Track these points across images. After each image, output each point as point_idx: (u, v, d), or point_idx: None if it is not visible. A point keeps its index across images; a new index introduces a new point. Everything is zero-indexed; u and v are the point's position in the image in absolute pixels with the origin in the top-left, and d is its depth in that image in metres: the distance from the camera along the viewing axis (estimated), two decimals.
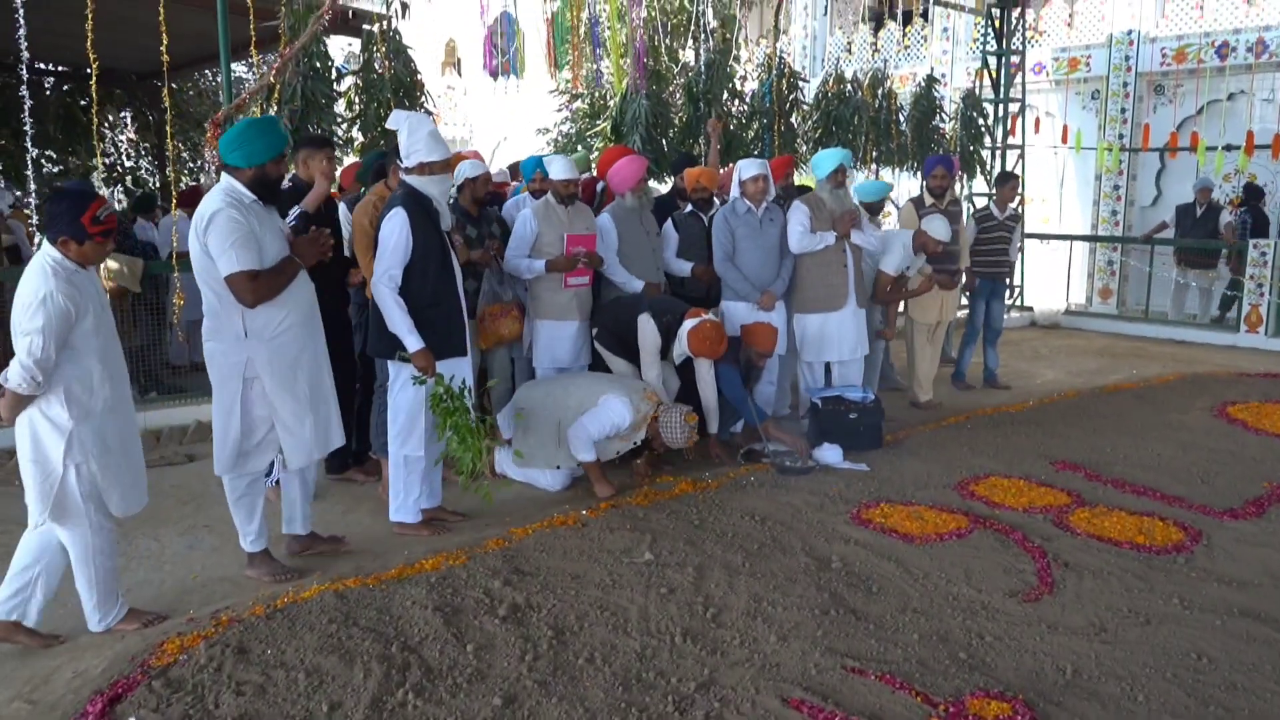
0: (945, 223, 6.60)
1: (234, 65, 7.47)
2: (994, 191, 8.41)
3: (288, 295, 3.89)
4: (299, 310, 3.95)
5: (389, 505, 4.71)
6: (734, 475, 5.46)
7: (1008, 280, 7.95)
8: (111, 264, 6.53)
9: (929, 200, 7.29)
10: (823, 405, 6.00)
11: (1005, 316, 8.20)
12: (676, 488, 5.22)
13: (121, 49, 9.75)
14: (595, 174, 6.97)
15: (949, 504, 4.99)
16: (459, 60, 24.24)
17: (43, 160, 12.12)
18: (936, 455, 5.91)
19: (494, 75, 25.13)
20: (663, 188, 8.22)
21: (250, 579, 4.12)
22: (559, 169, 5.81)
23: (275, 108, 6.59)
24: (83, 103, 11.01)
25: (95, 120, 6.99)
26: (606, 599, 3.80)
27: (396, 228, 4.32)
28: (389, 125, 4.51)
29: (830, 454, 5.72)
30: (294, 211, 4.67)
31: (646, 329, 5.53)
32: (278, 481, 5.10)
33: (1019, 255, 8.14)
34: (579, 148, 14.35)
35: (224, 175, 3.84)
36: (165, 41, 6.20)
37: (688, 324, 5.48)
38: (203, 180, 7.45)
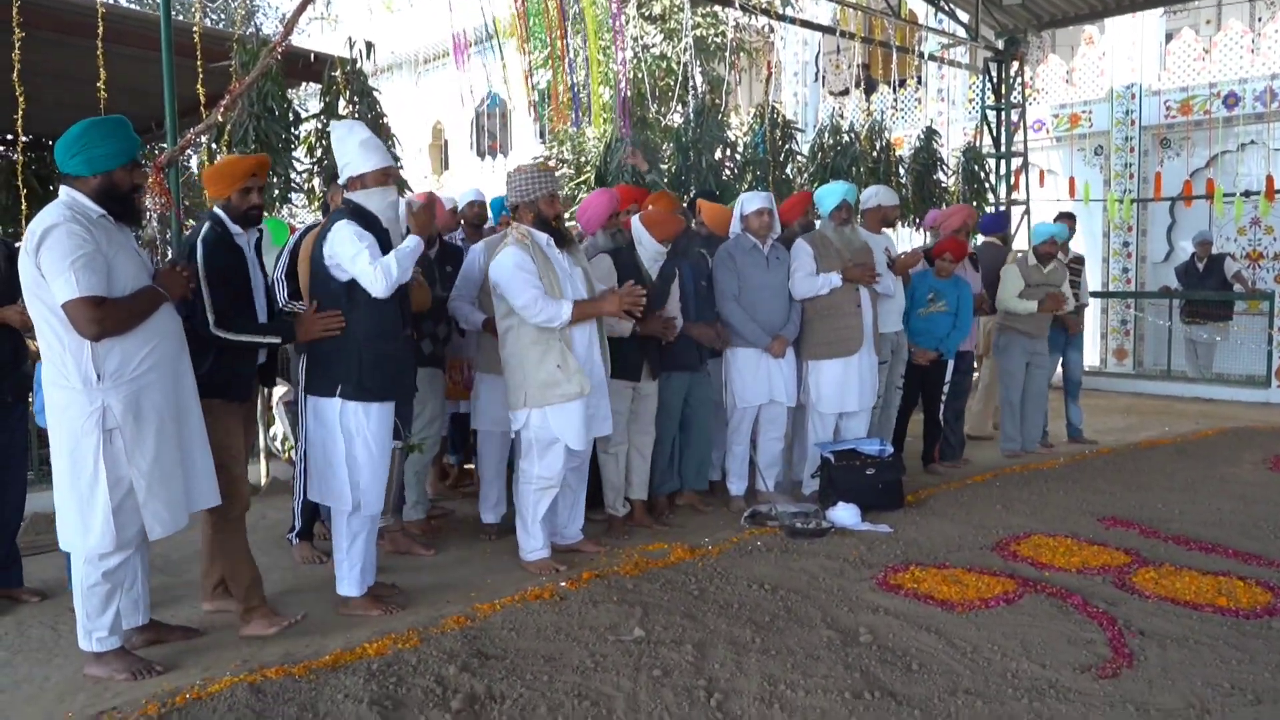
0: (888, 190, 6.37)
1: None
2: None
3: (150, 329, 3.25)
4: (164, 347, 3.30)
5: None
6: (737, 540, 4.78)
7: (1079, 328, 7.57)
8: None
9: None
10: (836, 460, 5.34)
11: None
12: (671, 555, 4.54)
13: (84, 115, 9.33)
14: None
15: (990, 566, 4.31)
16: (445, 143, 24.21)
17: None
18: (966, 515, 5.25)
19: (481, 156, 24.89)
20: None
21: (99, 680, 3.31)
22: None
23: (225, 150, 6.07)
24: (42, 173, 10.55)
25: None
26: (586, 685, 3.11)
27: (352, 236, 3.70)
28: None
29: (846, 515, 5.05)
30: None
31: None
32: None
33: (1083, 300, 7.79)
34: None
35: (63, 188, 3.22)
36: (103, 78, 5.72)
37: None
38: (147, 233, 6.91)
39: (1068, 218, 7.93)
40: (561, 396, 4.23)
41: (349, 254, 3.67)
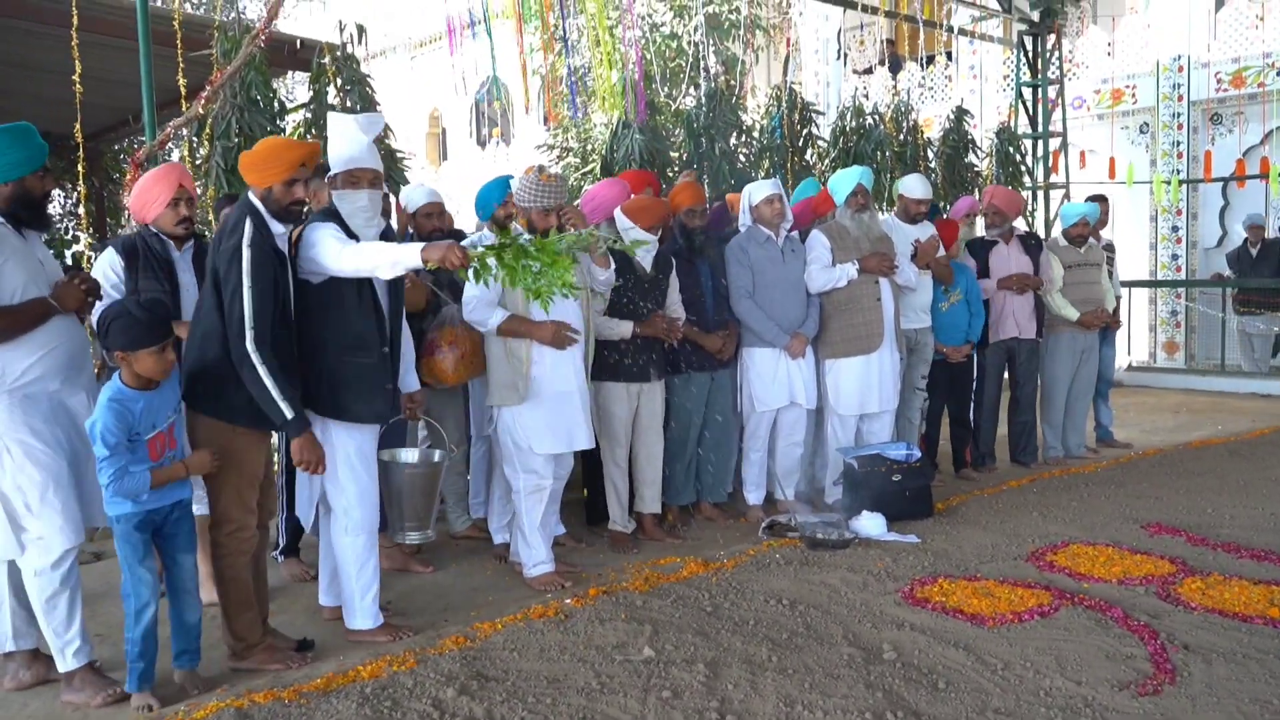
0: (923, 181, 6.32)
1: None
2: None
3: (42, 337, 3.43)
4: (55, 357, 3.47)
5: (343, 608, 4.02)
6: (754, 552, 4.82)
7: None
8: None
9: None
10: (860, 466, 5.37)
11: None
12: (684, 569, 4.58)
13: (59, 109, 9.44)
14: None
15: (1024, 577, 4.34)
16: (444, 131, 24.32)
17: None
18: (1000, 523, 5.28)
19: (482, 145, 25.02)
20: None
21: (77, 707, 3.38)
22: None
23: (207, 144, 6.16)
24: None
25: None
26: (592, 708, 3.16)
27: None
28: None
29: (871, 524, 5.08)
30: None
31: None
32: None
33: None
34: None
35: None
36: (78, 70, 5.81)
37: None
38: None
39: (1099, 200, 7.78)
40: (519, 399, 4.43)
41: (311, 239, 3.66)
